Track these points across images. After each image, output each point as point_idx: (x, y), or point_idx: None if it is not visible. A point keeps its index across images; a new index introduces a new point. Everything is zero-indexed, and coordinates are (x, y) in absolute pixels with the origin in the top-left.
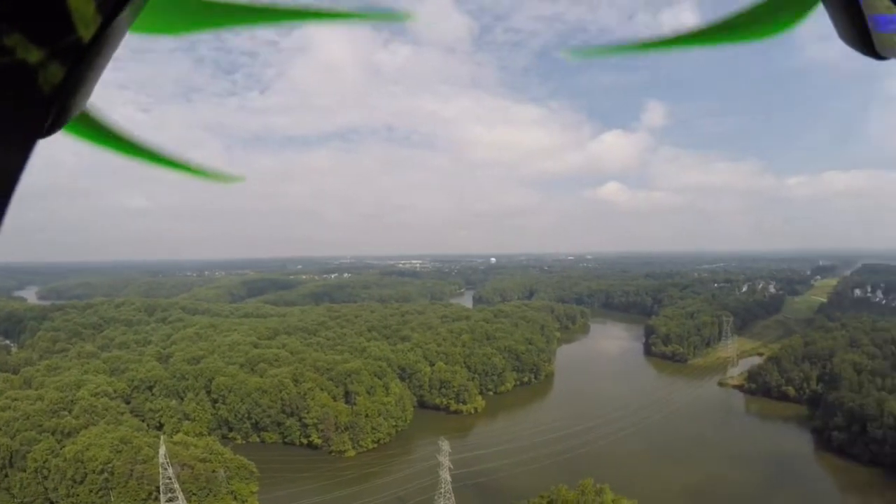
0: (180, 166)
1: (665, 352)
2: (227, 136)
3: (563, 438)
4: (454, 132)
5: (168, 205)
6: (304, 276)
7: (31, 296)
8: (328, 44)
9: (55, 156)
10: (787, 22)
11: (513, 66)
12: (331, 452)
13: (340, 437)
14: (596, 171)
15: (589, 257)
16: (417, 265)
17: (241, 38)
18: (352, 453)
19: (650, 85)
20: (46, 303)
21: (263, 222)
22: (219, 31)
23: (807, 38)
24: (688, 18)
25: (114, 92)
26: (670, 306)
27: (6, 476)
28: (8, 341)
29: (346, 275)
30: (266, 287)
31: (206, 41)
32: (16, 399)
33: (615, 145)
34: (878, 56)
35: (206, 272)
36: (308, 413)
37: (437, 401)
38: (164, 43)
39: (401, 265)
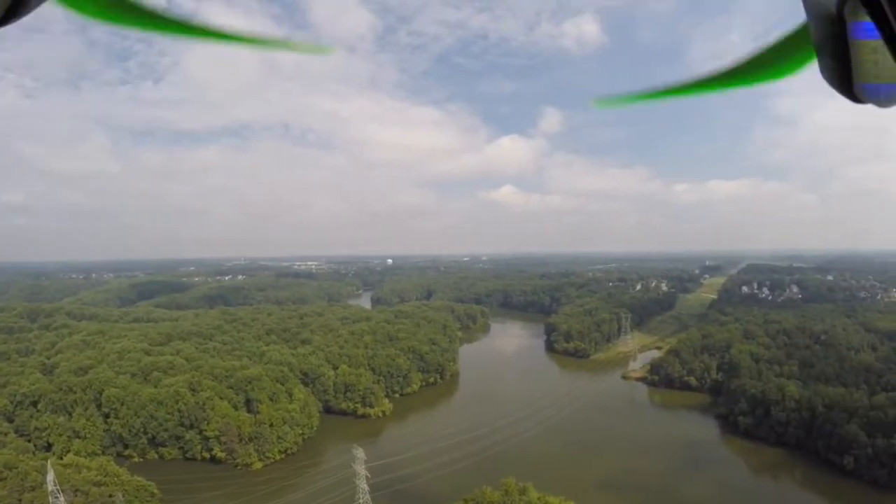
0: (239, 38)
1: (567, 348)
2: (116, 129)
3: (476, 439)
4: (351, 132)
5: (49, 202)
6: (196, 279)
7: None
8: None
9: None
10: (791, 67)
11: (413, 69)
12: (236, 466)
13: (245, 448)
14: (492, 174)
15: (484, 258)
16: (313, 267)
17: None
18: (259, 465)
19: (547, 92)
20: None
21: (152, 222)
22: (138, 31)
23: (697, 55)
24: (589, 29)
25: None
26: (568, 304)
27: None
28: None
29: (240, 277)
30: (157, 290)
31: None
32: None
33: (512, 149)
34: (855, 98)
35: (94, 274)
36: (208, 425)
37: (344, 405)
38: (58, 24)
39: (296, 267)
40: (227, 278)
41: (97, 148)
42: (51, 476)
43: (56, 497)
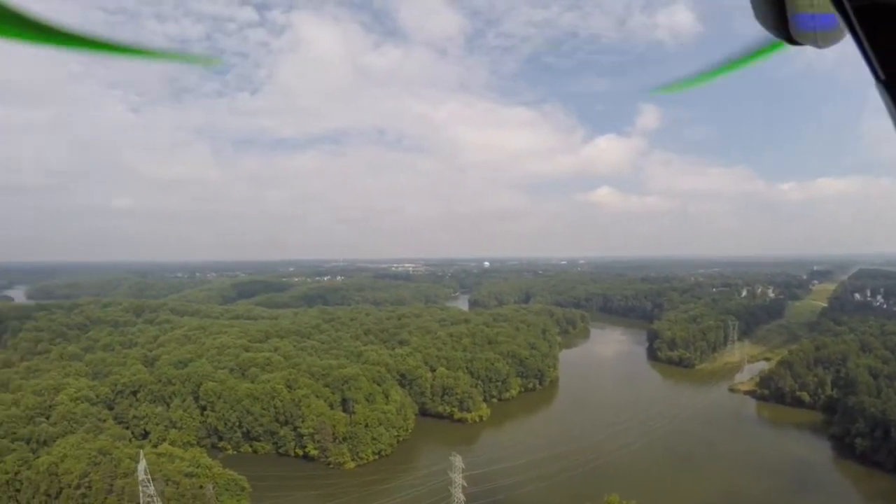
0: (144, 53)
1: (671, 357)
2: (216, 139)
3: (576, 451)
4: (443, 135)
5: (155, 206)
6: (296, 279)
7: (19, 295)
8: (318, 46)
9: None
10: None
11: (503, 70)
12: (329, 465)
13: (338, 448)
14: (588, 175)
15: (582, 261)
16: (410, 269)
17: (234, 39)
18: (351, 465)
19: (643, 89)
20: (32, 302)
21: (253, 225)
22: (32, 45)
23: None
24: (683, 19)
25: (103, 91)
26: (672, 310)
27: None
28: None
29: (339, 278)
30: (258, 289)
31: (198, 41)
32: None
33: (608, 149)
34: (793, 41)
35: (198, 274)
36: (303, 422)
37: (440, 409)
38: (158, 41)
39: (394, 268)
40: (325, 279)
41: (199, 156)
42: (142, 465)
43: (146, 486)
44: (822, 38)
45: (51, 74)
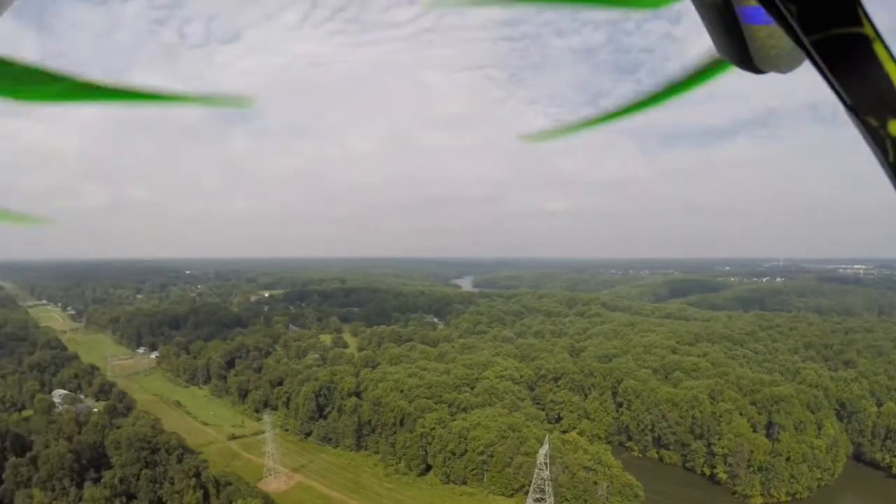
0: (165, 98)
1: None
2: (643, 136)
3: None
4: None
5: (586, 207)
6: (731, 279)
7: (466, 284)
8: None
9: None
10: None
11: None
12: (734, 493)
13: (750, 477)
14: None
15: None
16: (861, 271)
17: (635, 37)
18: (758, 501)
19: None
20: (476, 290)
21: (682, 221)
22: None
23: None
24: None
25: (524, 107)
26: None
27: (394, 433)
28: (436, 320)
29: (778, 279)
30: (690, 288)
31: (603, 46)
32: (425, 370)
33: None
34: (756, 70)
35: (631, 271)
36: (719, 439)
37: (878, 456)
38: (564, 53)
39: (841, 270)
40: (763, 280)
41: (627, 155)
42: (545, 449)
43: (541, 469)
44: (786, 63)
45: (476, 102)
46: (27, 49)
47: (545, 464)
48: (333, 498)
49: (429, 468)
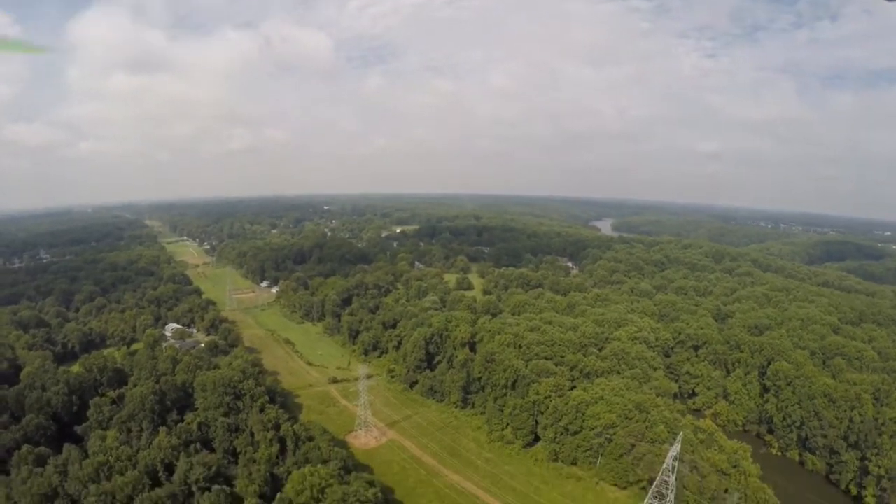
0: None
1: None
2: (800, 76)
3: None
4: None
5: (738, 149)
6: (894, 246)
7: (605, 226)
8: None
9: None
10: None
11: None
12: None
13: None
14: None
15: None
16: None
17: None
18: None
19: None
20: (616, 234)
21: (846, 173)
22: None
23: None
24: None
25: (674, 41)
26: None
27: (504, 395)
28: (570, 264)
29: None
30: (847, 252)
31: None
32: (549, 323)
33: None
34: None
35: (782, 225)
36: (877, 454)
37: None
38: None
39: None
40: None
41: (783, 96)
42: (676, 449)
43: (668, 475)
44: None
45: (620, 35)
46: None
47: (673, 467)
48: (425, 463)
49: (537, 439)
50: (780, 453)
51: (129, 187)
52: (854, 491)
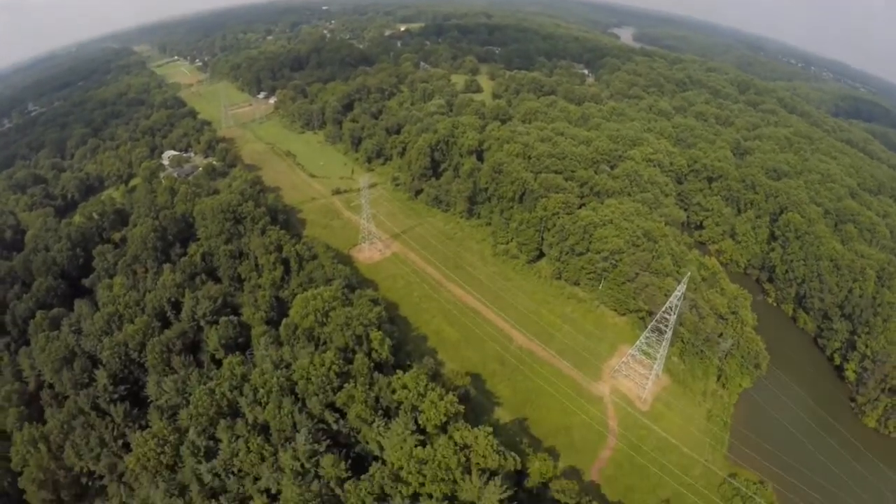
0: None
1: None
2: None
3: None
4: None
5: None
6: None
7: (626, 35)
8: None
9: None
10: None
11: None
12: (852, 401)
13: (880, 398)
14: None
15: None
16: None
17: None
18: (872, 424)
19: None
20: (637, 45)
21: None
22: None
23: None
24: None
25: None
26: None
27: (510, 208)
28: (586, 71)
29: None
30: (876, 114)
31: None
32: (561, 134)
33: None
34: None
35: (814, 68)
36: (867, 333)
37: None
38: None
39: None
40: None
41: None
42: (682, 289)
43: (671, 309)
44: None
45: None
46: None
47: (676, 306)
48: (429, 276)
49: (541, 255)
50: (775, 304)
51: (111, 14)
52: (837, 361)
